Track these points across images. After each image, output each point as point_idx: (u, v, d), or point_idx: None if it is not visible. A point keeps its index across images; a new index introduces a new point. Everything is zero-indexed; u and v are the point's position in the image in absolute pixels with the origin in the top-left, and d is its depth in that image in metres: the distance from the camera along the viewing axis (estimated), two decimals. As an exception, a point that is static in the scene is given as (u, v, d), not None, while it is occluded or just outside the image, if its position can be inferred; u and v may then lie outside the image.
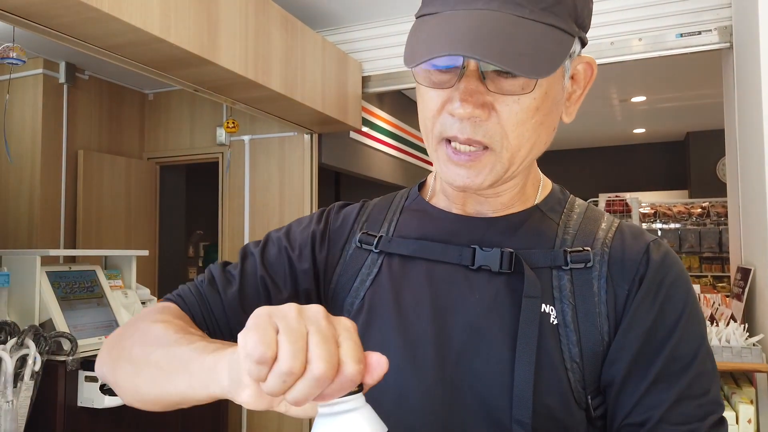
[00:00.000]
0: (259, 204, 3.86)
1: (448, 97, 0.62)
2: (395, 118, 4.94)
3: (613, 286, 0.66)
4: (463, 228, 0.72)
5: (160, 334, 0.63)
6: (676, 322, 0.65)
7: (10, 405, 2.09)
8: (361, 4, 3.33)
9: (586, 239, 0.69)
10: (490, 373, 0.64)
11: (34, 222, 3.56)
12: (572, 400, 0.64)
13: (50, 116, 3.64)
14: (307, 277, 0.77)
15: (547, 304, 0.66)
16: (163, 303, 0.76)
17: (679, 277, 0.67)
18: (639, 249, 0.68)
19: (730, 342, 2.16)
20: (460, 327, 0.67)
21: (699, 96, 5.47)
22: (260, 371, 0.42)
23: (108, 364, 0.68)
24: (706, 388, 0.64)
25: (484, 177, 0.64)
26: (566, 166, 7.88)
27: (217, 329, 0.74)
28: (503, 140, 0.62)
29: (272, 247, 0.79)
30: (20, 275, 2.46)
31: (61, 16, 1.90)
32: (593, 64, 0.68)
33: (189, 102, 4.17)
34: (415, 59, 0.58)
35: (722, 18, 2.89)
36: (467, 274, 0.69)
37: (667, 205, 6.54)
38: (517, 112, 0.61)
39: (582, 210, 0.74)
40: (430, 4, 0.62)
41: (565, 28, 0.60)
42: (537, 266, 0.67)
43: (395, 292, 0.71)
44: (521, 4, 0.58)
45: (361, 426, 0.45)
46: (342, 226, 0.80)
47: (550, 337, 0.64)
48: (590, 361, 0.65)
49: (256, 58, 2.64)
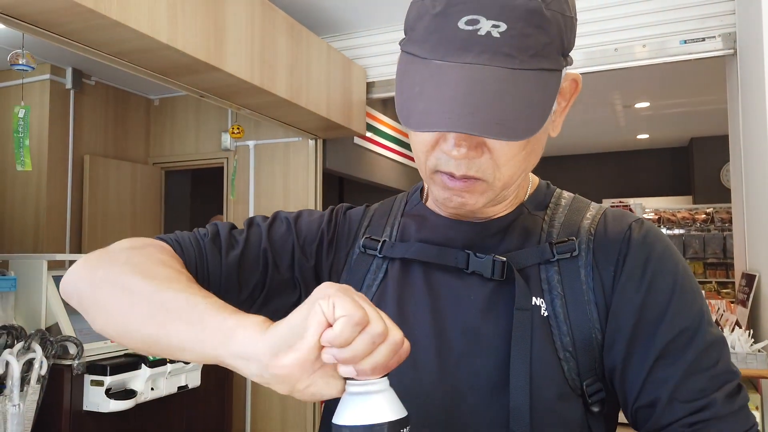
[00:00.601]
0: (264, 209, 3.87)
1: (442, 136, 0.63)
2: (399, 123, 4.96)
3: (599, 271, 0.67)
4: (459, 232, 0.73)
5: (167, 274, 0.61)
6: (669, 296, 0.65)
7: (16, 408, 2.10)
8: (365, 11, 3.35)
9: (570, 230, 0.71)
10: (488, 374, 0.65)
11: (41, 226, 3.58)
12: (568, 389, 0.65)
13: (57, 121, 3.66)
14: (308, 272, 0.78)
15: (536, 296, 0.67)
16: (157, 241, 0.73)
17: (665, 252, 0.68)
18: (621, 230, 0.69)
19: (735, 348, 2.15)
20: (458, 329, 0.69)
21: (703, 102, 5.47)
22: (353, 333, 0.46)
23: (87, 280, 0.64)
24: (716, 358, 0.63)
25: (476, 200, 0.66)
26: (570, 172, 7.87)
27: (207, 287, 0.69)
28: (496, 173, 0.64)
29: (280, 225, 0.79)
30: (27, 280, 2.47)
31: (70, 23, 1.92)
32: (579, 80, 0.69)
33: (194, 107, 4.20)
34: (410, 124, 0.58)
35: (726, 25, 2.90)
36: (462, 276, 0.71)
37: (671, 211, 6.53)
38: (509, 149, 0.63)
39: (568, 202, 0.75)
40: (417, 45, 0.61)
41: (553, 67, 0.60)
42: (527, 265, 0.69)
43: (399, 296, 0.73)
44: (511, 55, 0.57)
45: (386, 406, 0.48)
46: (348, 230, 0.81)
47: (541, 330, 0.65)
48: (583, 349, 0.66)
49: (261, 65, 2.66)
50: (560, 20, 0.59)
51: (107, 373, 2.37)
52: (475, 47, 0.57)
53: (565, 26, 0.60)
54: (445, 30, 0.58)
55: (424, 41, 0.60)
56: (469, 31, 0.57)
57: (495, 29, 0.56)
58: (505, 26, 0.56)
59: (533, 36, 0.57)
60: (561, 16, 0.60)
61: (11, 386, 2.10)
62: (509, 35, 0.57)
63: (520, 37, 0.57)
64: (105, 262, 0.66)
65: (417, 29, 0.61)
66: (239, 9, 2.51)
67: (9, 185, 3.68)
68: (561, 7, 0.60)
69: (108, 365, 2.39)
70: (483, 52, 0.57)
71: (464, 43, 0.57)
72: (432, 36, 0.59)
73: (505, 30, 0.56)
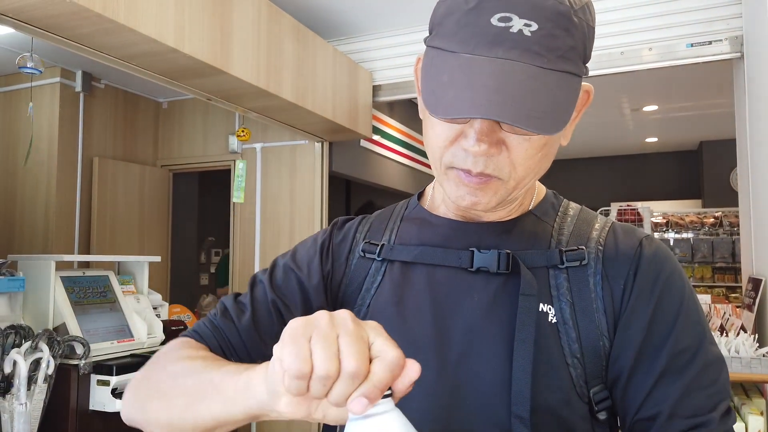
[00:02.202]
0: (270, 211, 3.90)
1: (462, 132, 0.63)
2: (405, 126, 4.97)
3: (609, 282, 0.68)
4: (461, 233, 0.74)
5: (186, 365, 0.65)
6: (675, 314, 0.66)
7: (24, 407, 2.12)
8: (371, 15, 3.37)
9: (580, 239, 0.72)
10: (490, 374, 0.66)
11: (50, 228, 3.61)
12: (575, 396, 0.65)
13: (66, 124, 3.71)
14: (318, 292, 0.79)
15: (545, 303, 0.68)
16: (179, 339, 0.77)
17: (673, 271, 0.69)
18: (632, 245, 0.70)
19: (740, 353, 2.14)
20: (460, 329, 0.69)
21: (712, 105, 5.43)
22: (300, 385, 0.46)
23: (135, 405, 0.69)
24: (714, 377, 0.65)
25: (489, 199, 0.66)
26: (578, 175, 7.85)
27: (235, 357, 0.75)
28: (512, 172, 0.65)
29: (279, 271, 0.81)
30: (35, 280, 2.50)
31: (79, 27, 1.94)
32: (591, 91, 0.71)
33: (202, 110, 4.23)
34: (439, 111, 0.59)
35: (733, 28, 2.88)
36: (466, 277, 0.71)
37: (680, 215, 6.49)
38: (527, 148, 0.63)
39: (576, 213, 0.77)
40: (445, 39, 0.61)
41: (576, 71, 0.61)
42: (534, 266, 0.69)
43: (397, 297, 0.73)
44: (540, 53, 0.58)
45: (391, 429, 0.46)
46: (344, 238, 0.82)
47: (549, 335, 0.66)
48: (591, 356, 0.66)
49: (268, 68, 2.68)
50: (585, 28, 0.61)
51: (113, 373, 2.39)
52: (506, 43, 0.58)
53: (588, 35, 0.62)
54: (477, 25, 0.59)
55: (454, 35, 0.60)
56: (502, 27, 0.58)
57: (527, 28, 0.58)
58: (536, 26, 0.58)
59: (561, 38, 0.59)
60: (586, 25, 0.62)
61: (18, 385, 2.12)
62: (539, 35, 0.58)
63: (549, 37, 0.58)
64: (141, 381, 0.71)
65: (446, 24, 0.62)
66: (246, 13, 2.53)
67: (19, 187, 3.72)
68: (587, 17, 0.62)
69: (114, 365, 2.41)
70: (513, 48, 0.58)
71: (495, 38, 0.58)
72: (463, 30, 0.60)
73: (536, 29, 0.58)
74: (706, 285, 6.07)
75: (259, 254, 3.88)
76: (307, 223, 3.73)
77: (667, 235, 6.43)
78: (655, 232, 6.27)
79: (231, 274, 4.00)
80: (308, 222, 3.72)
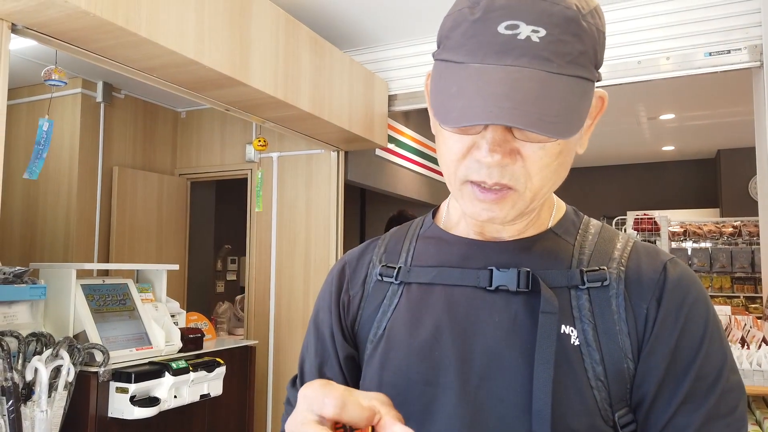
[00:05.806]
0: (287, 219, 3.92)
1: (474, 143, 0.63)
2: (421, 135, 4.98)
3: (632, 304, 0.67)
4: (478, 252, 0.73)
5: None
6: (700, 341, 0.65)
7: (44, 414, 2.15)
8: (387, 25, 3.39)
9: (601, 259, 0.70)
10: (512, 395, 0.65)
11: (71, 236, 3.67)
12: (600, 420, 0.64)
13: (87, 134, 3.77)
14: (348, 341, 0.79)
15: (567, 324, 0.66)
16: None
17: (699, 296, 0.68)
18: (656, 268, 0.69)
19: (762, 366, 2.11)
20: (481, 351, 0.68)
21: (730, 113, 5.38)
22: None
23: None
24: (733, 405, 0.64)
25: (507, 212, 0.65)
26: (594, 184, 7.80)
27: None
28: (527, 182, 0.63)
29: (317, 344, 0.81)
30: (56, 288, 2.54)
31: (102, 40, 1.99)
32: (605, 98, 0.70)
33: (220, 120, 4.28)
34: (449, 120, 0.58)
35: (752, 37, 2.86)
36: (486, 297, 0.70)
37: (698, 224, 6.42)
38: (542, 156, 0.62)
39: (597, 230, 0.75)
40: (453, 51, 0.61)
41: (588, 76, 0.61)
42: (554, 286, 0.68)
43: (415, 318, 0.72)
44: (549, 59, 0.58)
45: None
46: (359, 266, 0.81)
47: (572, 358, 0.65)
48: (615, 378, 0.65)
49: (285, 79, 2.71)
50: (595, 33, 0.61)
51: (132, 381, 2.42)
52: (515, 51, 0.57)
53: (598, 40, 0.62)
54: (484, 35, 0.58)
55: (461, 46, 0.60)
56: (509, 35, 0.58)
57: (535, 34, 0.57)
58: (544, 32, 0.57)
59: (570, 43, 0.58)
60: (596, 29, 0.61)
61: (39, 392, 2.15)
62: (548, 40, 0.57)
63: (558, 42, 0.58)
64: None
65: (453, 37, 0.61)
66: (264, 25, 2.57)
67: (41, 196, 3.78)
68: (596, 21, 0.61)
69: (133, 373, 2.44)
70: (522, 56, 0.57)
71: (503, 47, 0.58)
72: (470, 41, 0.59)
73: (544, 35, 0.57)
74: (725, 295, 5.99)
75: (275, 262, 3.90)
76: (322, 231, 3.75)
77: (685, 245, 6.36)
78: (673, 241, 6.20)
79: (247, 281, 4.03)
80: (324, 230, 3.74)
